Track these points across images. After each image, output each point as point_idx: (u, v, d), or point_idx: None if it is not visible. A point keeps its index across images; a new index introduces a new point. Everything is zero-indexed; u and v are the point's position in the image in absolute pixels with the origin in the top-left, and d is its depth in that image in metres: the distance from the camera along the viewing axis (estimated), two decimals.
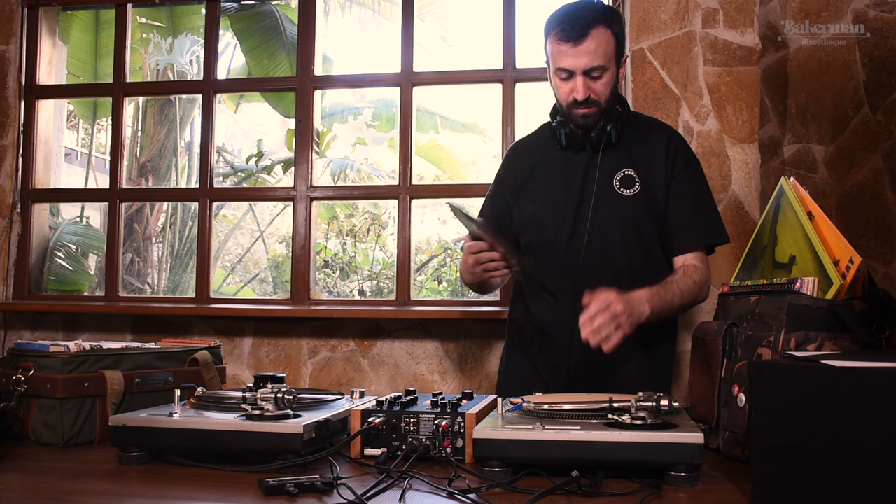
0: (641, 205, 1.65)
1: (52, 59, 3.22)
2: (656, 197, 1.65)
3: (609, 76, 1.62)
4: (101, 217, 6.34)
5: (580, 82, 1.59)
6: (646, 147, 1.69)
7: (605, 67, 1.60)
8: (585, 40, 1.56)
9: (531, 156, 1.81)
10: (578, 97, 1.60)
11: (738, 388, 1.18)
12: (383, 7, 7.44)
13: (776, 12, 2.43)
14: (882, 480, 0.77)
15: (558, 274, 1.66)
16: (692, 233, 1.66)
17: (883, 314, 1.14)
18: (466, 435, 1.12)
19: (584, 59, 1.57)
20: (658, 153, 1.68)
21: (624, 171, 1.67)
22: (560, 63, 1.60)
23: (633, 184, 1.66)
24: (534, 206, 1.74)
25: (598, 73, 1.60)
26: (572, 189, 1.68)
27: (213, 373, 1.55)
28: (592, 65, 1.58)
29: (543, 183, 1.74)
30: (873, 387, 0.80)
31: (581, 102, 1.61)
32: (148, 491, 1.02)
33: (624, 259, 1.65)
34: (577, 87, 1.60)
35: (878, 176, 1.90)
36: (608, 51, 1.60)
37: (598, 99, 1.62)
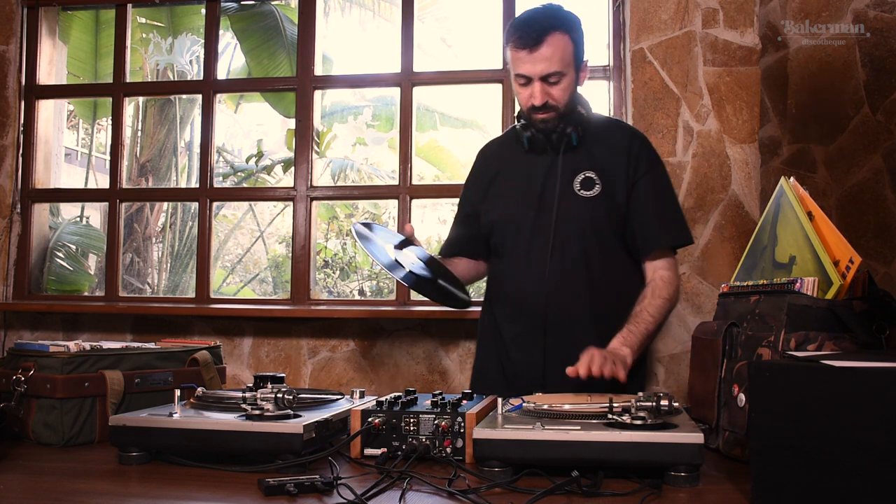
0: (602, 206, 1.66)
1: (52, 59, 3.22)
2: (617, 199, 1.67)
3: (567, 81, 1.64)
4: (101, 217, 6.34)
5: (537, 88, 1.62)
6: (607, 149, 1.71)
7: (562, 73, 1.62)
8: (541, 46, 1.58)
9: (498, 158, 1.84)
10: (536, 103, 1.63)
11: (738, 388, 1.18)
12: (383, 7, 7.44)
13: (776, 12, 2.43)
14: (882, 480, 0.77)
15: (523, 275, 1.70)
16: (658, 235, 1.67)
17: (883, 314, 1.14)
18: (466, 435, 1.12)
19: (540, 65, 1.60)
20: (619, 155, 1.69)
21: (585, 174, 1.68)
22: (518, 69, 1.63)
23: (594, 185, 1.67)
24: (498, 209, 1.77)
25: (556, 78, 1.62)
26: (534, 191, 1.70)
27: (213, 373, 1.55)
28: (549, 71, 1.60)
29: (507, 185, 1.77)
30: (873, 387, 0.80)
31: (539, 108, 1.64)
32: (148, 491, 1.02)
33: (583, 260, 1.67)
34: (535, 92, 1.62)
35: (878, 176, 1.90)
36: (565, 56, 1.61)
37: (555, 104, 1.64)
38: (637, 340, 1.55)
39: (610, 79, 2.79)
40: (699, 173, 2.62)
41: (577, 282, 1.66)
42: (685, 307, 2.58)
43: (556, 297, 1.65)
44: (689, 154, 2.63)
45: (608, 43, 2.81)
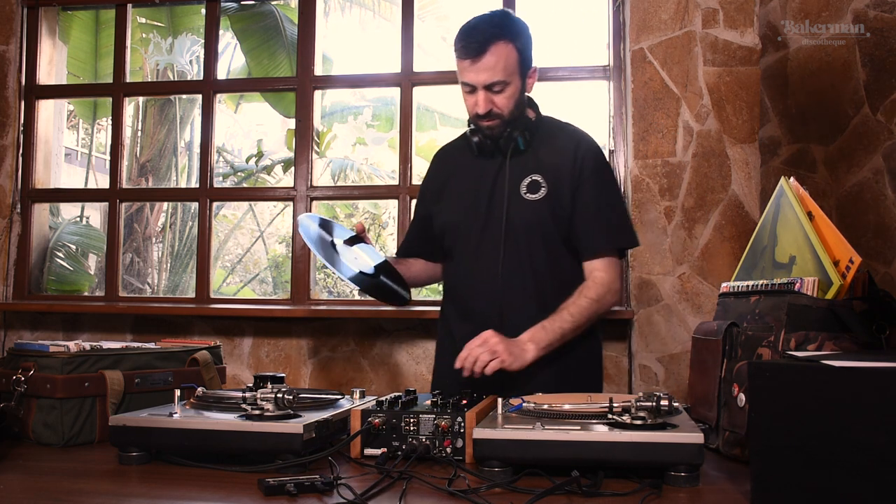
0: (547, 209, 1.68)
1: (52, 59, 3.22)
2: (562, 202, 1.68)
3: (512, 89, 1.65)
4: (101, 217, 6.34)
5: (481, 97, 1.63)
6: (554, 152, 1.72)
7: (505, 82, 1.63)
8: (484, 56, 1.60)
9: (451, 162, 1.86)
10: (480, 111, 1.65)
11: (738, 388, 1.18)
12: (383, 7, 7.44)
13: (776, 12, 2.43)
14: (882, 480, 0.77)
15: (473, 277, 1.73)
16: (595, 237, 1.68)
17: (883, 314, 1.14)
18: (466, 435, 1.12)
19: (483, 74, 1.61)
20: (566, 158, 1.70)
21: (531, 177, 1.70)
22: (463, 78, 1.65)
23: (539, 189, 1.69)
24: (449, 212, 1.79)
25: (499, 87, 1.63)
26: (482, 195, 1.73)
27: (213, 373, 1.55)
28: (492, 80, 1.61)
29: (458, 189, 1.79)
30: (873, 387, 0.80)
31: (483, 116, 1.66)
32: (148, 491, 1.02)
33: (530, 262, 1.69)
34: (479, 101, 1.64)
35: (878, 176, 1.90)
36: (509, 65, 1.62)
37: (500, 112, 1.65)
38: (547, 337, 1.57)
39: (610, 79, 2.79)
40: (699, 173, 2.62)
41: (525, 283, 1.68)
42: (685, 307, 2.59)
43: (504, 297, 1.68)
44: (689, 154, 2.63)
45: (608, 43, 2.81)
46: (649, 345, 2.60)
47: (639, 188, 2.64)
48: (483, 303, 1.70)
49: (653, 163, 2.64)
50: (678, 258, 2.61)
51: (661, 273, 2.61)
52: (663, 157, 2.64)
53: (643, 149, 2.65)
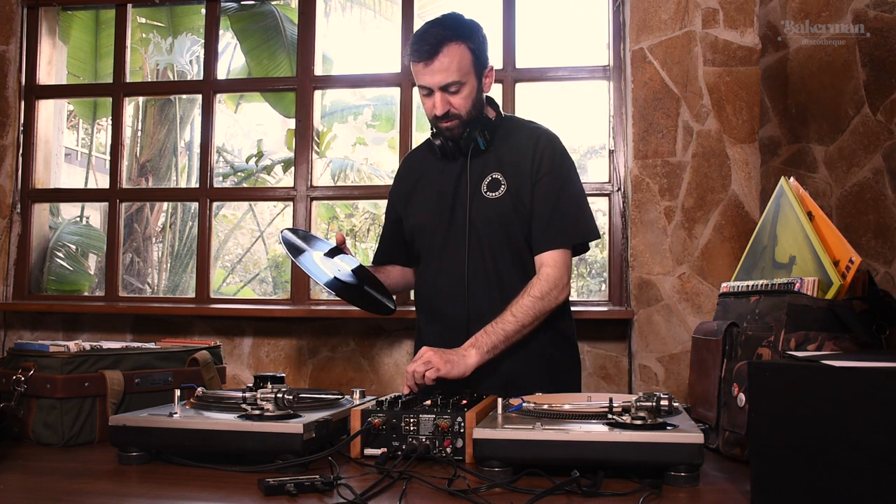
0: (508, 207, 1.70)
1: (52, 59, 3.22)
2: (522, 199, 1.70)
3: (468, 89, 1.67)
4: (101, 217, 6.34)
5: (438, 98, 1.66)
6: (514, 150, 1.74)
7: (460, 82, 1.65)
8: (436, 58, 1.62)
9: (417, 167, 1.88)
10: (437, 113, 1.67)
11: (738, 388, 1.18)
12: (383, 7, 7.44)
13: (776, 12, 2.43)
14: (882, 480, 0.77)
15: (439, 279, 1.75)
16: (544, 233, 1.69)
17: (883, 314, 1.14)
18: (466, 435, 1.12)
19: (437, 76, 1.63)
20: (525, 155, 1.72)
21: (492, 175, 1.73)
22: (419, 81, 1.68)
23: (499, 187, 1.72)
24: (416, 215, 1.82)
25: (455, 88, 1.65)
26: (446, 196, 1.75)
27: (213, 373, 1.55)
28: (446, 81, 1.64)
29: (425, 192, 1.82)
30: (873, 387, 0.80)
31: (441, 117, 1.68)
32: (148, 491, 1.02)
33: (493, 262, 1.71)
34: (436, 103, 1.66)
35: (878, 176, 1.90)
36: (463, 66, 1.65)
37: (458, 112, 1.68)
38: (489, 340, 1.58)
39: (610, 79, 2.79)
40: (699, 173, 2.62)
41: (490, 283, 1.71)
42: (685, 307, 2.59)
43: (470, 297, 1.70)
44: (689, 154, 2.63)
45: (608, 43, 2.81)
46: (649, 345, 2.60)
47: (639, 188, 2.64)
48: (449, 304, 1.73)
49: (653, 163, 2.64)
50: (678, 258, 2.61)
51: (661, 273, 2.61)
52: (663, 157, 2.64)
53: (643, 149, 2.65)
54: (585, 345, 2.67)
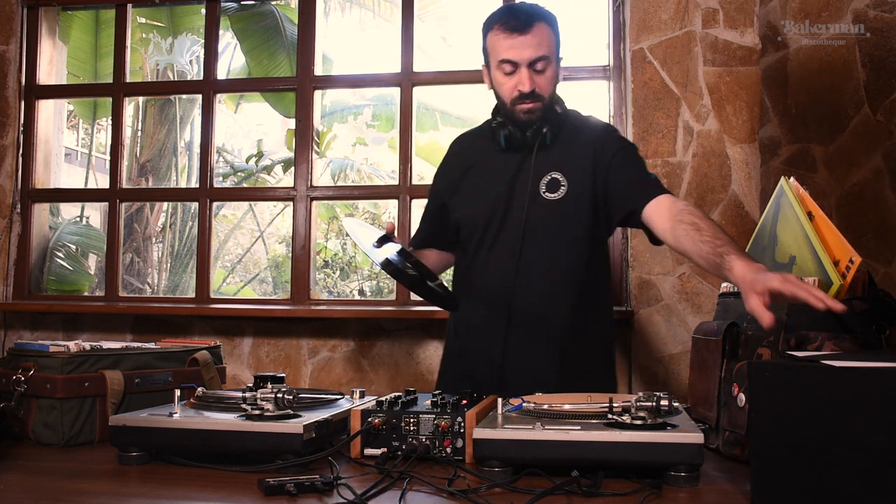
0: (568, 208, 1.65)
1: (52, 59, 3.22)
2: (583, 199, 1.65)
3: (551, 72, 1.63)
4: (101, 217, 6.34)
5: (525, 74, 1.59)
6: (576, 147, 1.68)
7: (549, 59, 1.60)
8: (530, 31, 1.58)
9: (470, 152, 1.81)
10: (524, 89, 1.60)
11: (738, 388, 1.18)
12: (383, 7, 7.44)
13: (776, 12, 2.43)
14: (882, 480, 0.77)
15: (487, 275, 1.70)
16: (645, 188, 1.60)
17: (883, 314, 1.14)
18: (466, 435, 1.12)
19: (528, 50, 1.58)
20: (587, 150, 1.67)
21: (551, 175, 1.67)
22: (504, 55, 1.60)
23: (559, 188, 1.66)
24: (466, 206, 1.76)
25: (543, 65, 1.60)
26: (502, 191, 1.69)
27: (213, 373, 1.55)
28: (537, 55, 1.58)
29: (477, 182, 1.75)
30: (873, 387, 0.80)
31: (527, 95, 1.61)
32: (148, 491, 1.02)
33: (546, 263, 1.66)
34: (523, 79, 1.59)
35: (878, 176, 1.90)
36: (550, 45, 1.61)
37: (542, 93, 1.62)
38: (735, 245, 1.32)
39: (610, 79, 2.79)
40: (699, 173, 2.62)
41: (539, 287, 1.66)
42: (685, 307, 2.59)
43: (519, 297, 1.65)
44: (689, 154, 2.63)
45: (608, 43, 2.81)
46: (649, 345, 2.60)
47: None
48: (496, 299, 1.67)
49: (653, 163, 2.64)
50: (678, 258, 2.60)
51: (661, 273, 2.61)
52: (663, 157, 2.64)
53: (643, 149, 2.64)
54: None
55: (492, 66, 1.65)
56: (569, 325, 1.66)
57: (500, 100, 1.68)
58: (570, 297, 1.66)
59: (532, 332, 1.66)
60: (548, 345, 1.65)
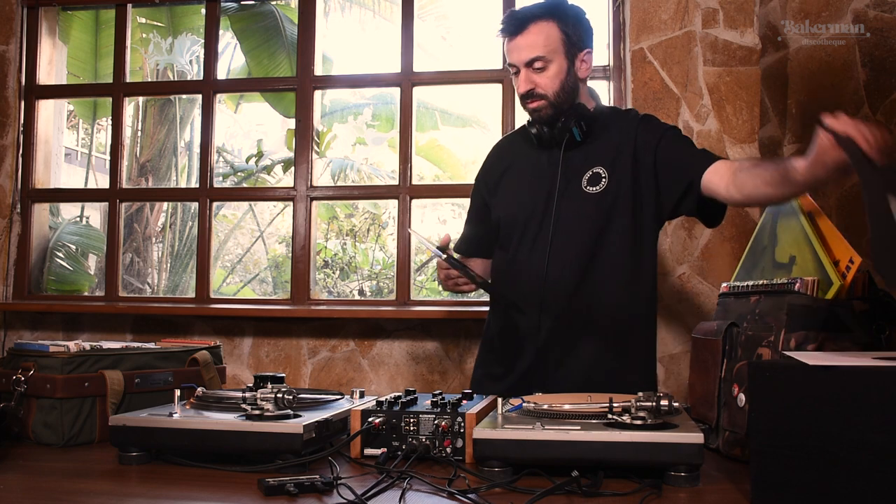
0: (609, 200, 1.64)
1: (52, 59, 3.22)
2: (623, 190, 1.64)
3: (555, 69, 1.62)
4: (101, 217, 6.34)
5: (522, 76, 1.62)
6: (614, 138, 1.68)
7: (546, 59, 1.60)
8: (522, 33, 1.60)
9: (508, 154, 1.83)
10: (520, 90, 1.64)
11: (738, 388, 1.18)
12: (383, 7, 7.44)
13: (776, 12, 2.43)
14: (882, 480, 0.77)
15: (524, 273, 1.69)
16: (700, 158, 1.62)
17: (883, 314, 1.14)
18: (466, 435, 1.12)
19: (522, 52, 1.61)
20: (626, 141, 1.66)
21: (593, 170, 1.67)
22: (508, 59, 1.65)
23: (600, 181, 1.66)
24: (506, 206, 1.77)
25: (540, 64, 1.61)
26: (541, 188, 1.69)
27: (213, 373, 1.55)
28: (530, 57, 1.60)
29: (515, 182, 1.77)
30: (873, 387, 0.80)
31: (525, 96, 1.64)
32: (148, 491, 1.02)
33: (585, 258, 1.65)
34: (520, 80, 1.63)
35: None
36: (550, 43, 1.61)
37: (543, 92, 1.62)
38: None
39: (610, 79, 2.79)
40: None
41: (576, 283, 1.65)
42: (685, 307, 2.58)
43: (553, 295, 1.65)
44: None
45: (608, 43, 2.81)
46: None
47: None
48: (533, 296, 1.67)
49: None
50: (678, 258, 2.60)
51: (660, 273, 2.61)
52: None
53: None
54: None
55: None
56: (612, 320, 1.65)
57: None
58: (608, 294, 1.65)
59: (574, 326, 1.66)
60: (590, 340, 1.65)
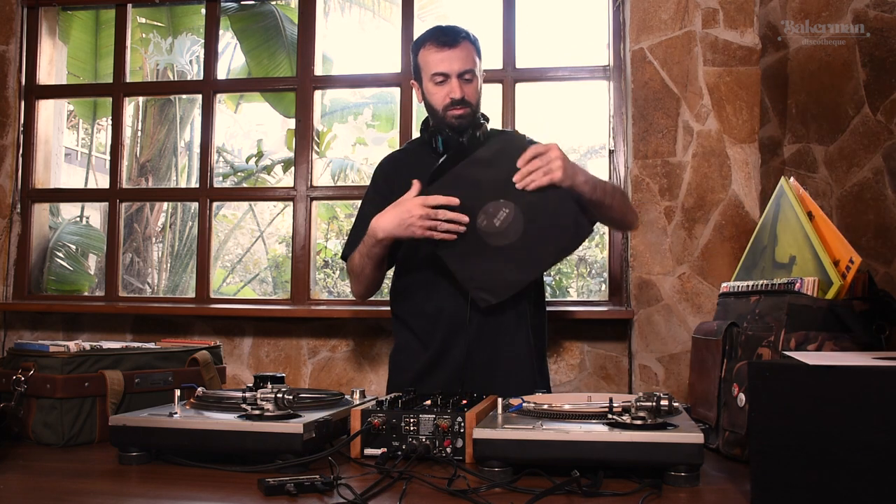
0: None
1: (52, 59, 3.22)
2: None
3: (476, 84, 1.80)
4: (101, 217, 6.34)
5: (456, 83, 1.75)
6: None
7: (474, 73, 1.78)
8: (458, 46, 1.76)
9: (406, 168, 1.88)
10: (455, 95, 1.75)
11: (738, 388, 1.18)
12: (383, 7, 7.44)
13: (776, 12, 2.43)
14: (882, 480, 0.77)
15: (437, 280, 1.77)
16: None
17: (883, 314, 1.14)
18: (466, 435, 1.12)
19: (457, 63, 1.76)
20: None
21: None
22: (437, 68, 1.77)
23: None
24: None
25: (469, 76, 1.77)
26: None
27: (213, 373, 1.55)
28: (465, 68, 1.76)
29: None
30: (873, 387, 0.80)
31: (457, 102, 1.75)
32: (148, 491, 1.02)
33: None
34: (454, 87, 1.76)
35: (878, 176, 1.90)
36: (474, 61, 1.79)
37: (470, 101, 1.77)
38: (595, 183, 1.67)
39: (610, 79, 2.79)
40: (699, 173, 2.62)
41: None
42: (685, 307, 2.59)
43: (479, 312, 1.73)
44: (689, 154, 2.63)
45: (608, 43, 2.81)
46: (649, 345, 2.60)
47: (639, 188, 2.64)
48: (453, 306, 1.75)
49: (653, 163, 2.64)
50: (678, 258, 2.61)
51: (661, 273, 2.61)
52: (663, 157, 2.64)
53: (643, 149, 2.65)
54: (585, 345, 2.67)
55: (424, 80, 1.81)
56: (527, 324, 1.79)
57: (432, 110, 1.81)
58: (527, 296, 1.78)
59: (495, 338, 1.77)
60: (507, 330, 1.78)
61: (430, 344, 1.79)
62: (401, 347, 1.90)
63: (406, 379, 1.79)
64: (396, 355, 1.91)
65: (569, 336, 2.67)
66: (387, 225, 1.67)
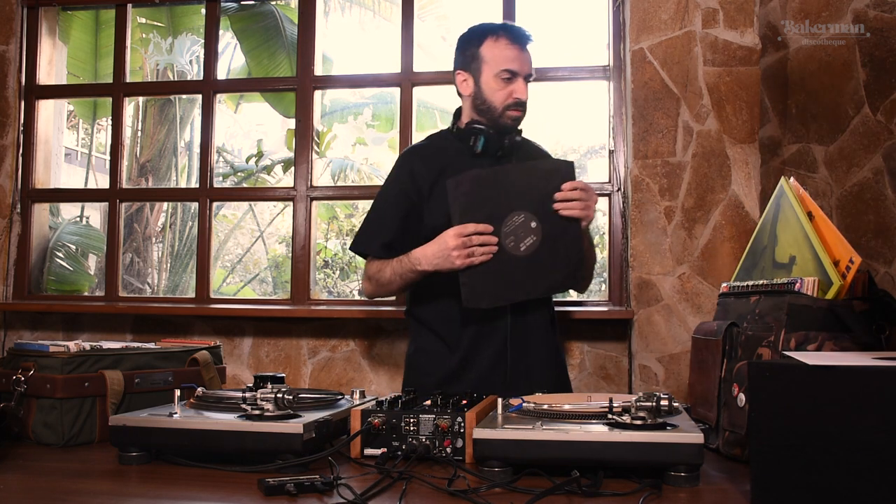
0: None
1: (52, 59, 3.22)
2: None
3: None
4: (101, 217, 6.34)
5: (522, 84, 1.75)
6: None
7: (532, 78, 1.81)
8: (526, 49, 1.78)
9: (436, 160, 1.84)
10: (521, 97, 1.75)
11: (738, 388, 1.18)
12: (383, 7, 7.43)
13: (776, 12, 2.43)
14: (882, 480, 0.77)
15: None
16: None
17: (883, 314, 1.14)
18: (466, 435, 1.12)
19: (527, 64, 1.77)
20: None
21: None
22: (509, 65, 1.75)
23: None
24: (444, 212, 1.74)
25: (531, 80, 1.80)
26: None
27: (213, 373, 1.55)
28: (531, 71, 1.77)
29: None
30: (873, 387, 0.80)
31: (520, 104, 1.76)
32: (148, 491, 1.02)
33: None
34: (520, 87, 1.75)
35: (878, 176, 1.90)
36: None
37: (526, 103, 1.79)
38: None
39: (610, 79, 2.79)
40: (699, 173, 2.62)
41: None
42: (685, 307, 2.59)
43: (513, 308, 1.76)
44: (689, 154, 2.63)
45: (608, 43, 2.81)
46: (649, 345, 2.60)
47: (639, 188, 2.64)
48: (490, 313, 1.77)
49: (653, 163, 2.64)
50: (678, 258, 2.61)
51: (661, 273, 2.61)
52: (663, 157, 2.64)
53: (643, 149, 2.65)
54: (585, 345, 2.67)
55: (484, 73, 1.76)
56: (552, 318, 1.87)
57: (487, 105, 1.77)
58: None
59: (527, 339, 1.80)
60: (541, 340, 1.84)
61: (458, 347, 1.78)
62: (422, 349, 1.88)
63: (431, 381, 1.77)
64: (418, 357, 1.89)
65: (569, 336, 2.67)
66: (431, 259, 1.69)
